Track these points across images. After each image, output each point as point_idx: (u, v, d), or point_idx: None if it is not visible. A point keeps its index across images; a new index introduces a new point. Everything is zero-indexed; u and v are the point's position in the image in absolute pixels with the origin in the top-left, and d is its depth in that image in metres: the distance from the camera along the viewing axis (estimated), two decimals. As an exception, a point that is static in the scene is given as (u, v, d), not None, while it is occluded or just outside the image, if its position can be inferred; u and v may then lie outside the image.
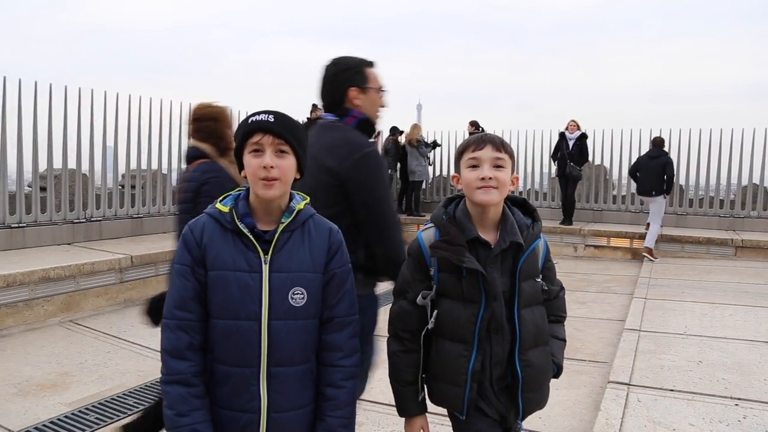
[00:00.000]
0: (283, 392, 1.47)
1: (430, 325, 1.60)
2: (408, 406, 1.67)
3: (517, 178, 1.64)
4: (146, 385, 3.49)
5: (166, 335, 1.45)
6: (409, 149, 10.50)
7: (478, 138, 1.60)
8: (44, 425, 2.97)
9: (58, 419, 3.04)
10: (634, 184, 10.15)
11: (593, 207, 10.31)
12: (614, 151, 10.37)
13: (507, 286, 1.58)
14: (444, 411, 1.70)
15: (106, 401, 3.27)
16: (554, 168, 9.99)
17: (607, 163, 10.50)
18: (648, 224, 8.57)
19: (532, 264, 1.61)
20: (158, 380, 3.62)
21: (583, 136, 9.44)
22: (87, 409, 3.16)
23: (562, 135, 9.48)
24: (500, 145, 1.57)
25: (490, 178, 1.53)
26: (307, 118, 9.54)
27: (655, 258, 8.03)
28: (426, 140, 10.84)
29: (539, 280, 1.64)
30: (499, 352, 1.59)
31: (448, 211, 1.63)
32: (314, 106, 9.08)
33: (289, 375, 1.46)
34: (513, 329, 1.58)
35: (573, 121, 9.51)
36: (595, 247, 8.90)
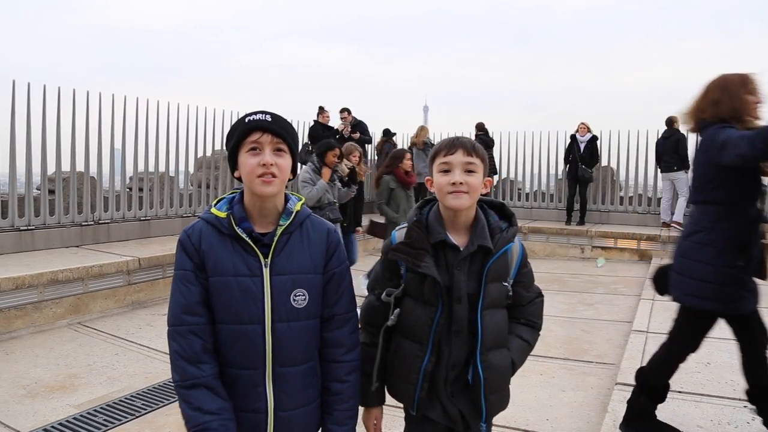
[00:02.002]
0: (288, 391, 1.49)
1: (390, 322, 1.63)
2: (366, 396, 1.68)
3: (491, 181, 1.65)
4: (154, 387, 3.51)
5: (178, 342, 1.44)
6: (415, 151, 10.48)
7: (449, 142, 1.60)
8: (52, 427, 2.99)
9: (67, 421, 3.05)
10: (641, 185, 10.16)
11: (600, 208, 10.27)
12: (621, 152, 10.33)
13: (473, 289, 1.58)
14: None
15: (114, 403, 3.28)
16: (561, 170, 10.07)
17: (614, 164, 10.46)
18: (664, 222, 9.33)
19: (502, 267, 1.61)
20: (166, 382, 3.63)
21: (594, 139, 9.52)
22: (95, 411, 3.18)
23: (573, 138, 9.61)
24: (471, 149, 1.57)
25: (461, 183, 1.54)
26: (314, 121, 9.54)
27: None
28: (432, 142, 10.83)
29: (506, 284, 1.63)
30: (457, 354, 1.60)
31: (422, 213, 1.64)
32: (321, 108, 9.09)
33: (294, 374, 1.49)
34: (474, 331, 1.58)
35: (583, 123, 9.59)
36: (602, 248, 8.86)
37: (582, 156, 9.39)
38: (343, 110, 9.39)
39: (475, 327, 1.57)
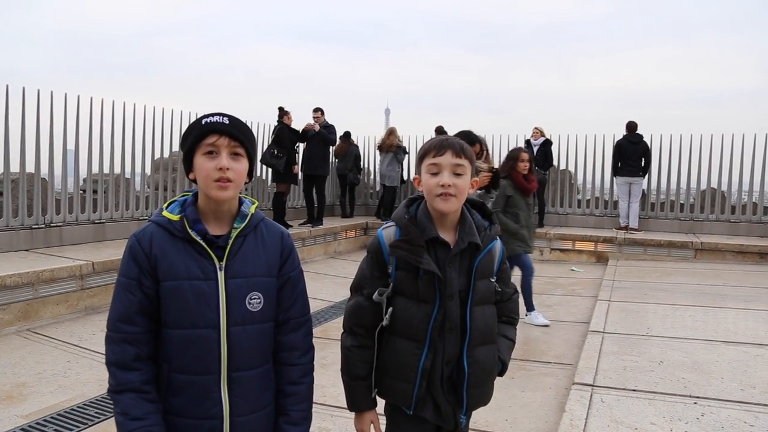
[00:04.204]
0: (244, 396, 1.47)
1: (384, 322, 1.63)
2: (358, 400, 1.69)
3: (477, 182, 1.69)
4: (107, 395, 3.40)
5: (111, 348, 1.43)
6: (383, 154, 10.39)
7: (438, 143, 1.62)
8: (-1, 439, 2.87)
9: (14, 432, 2.93)
10: (598, 188, 10.41)
11: (558, 211, 10.48)
12: (579, 155, 10.57)
13: (463, 286, 1.62)
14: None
15: (65, 412, 3.16)
16: None
17: (572, 168, 10.69)
18: (624, 225, 9.43)
19: (488, 264, 1.66)
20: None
21: (547, 142, 9.73)
22: (45, 420, 3.05)
23: (527, 142, 9.82)
24: (460, 150, 1.60)
25: (449, 185, 1.57)
26: (278, 121, 9.27)
27: (640, 230, 9.37)
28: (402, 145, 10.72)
29: (493, 280, 1.68)
30: (451, 351, 1.63)
31: (410, 211, 1.66)
32: (281, 109, 8.99)
33: (249, 379, 1.47)
34: (464, 326, 1.62)
35: (536, 128, 9.83)
36: (561, 250, 9.05)
37: (536, 159, 9.62)
38: (316, 110, 9.25)
39: (464, 323, 1.61)
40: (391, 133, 10.39)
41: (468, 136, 4.20)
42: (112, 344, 1.42)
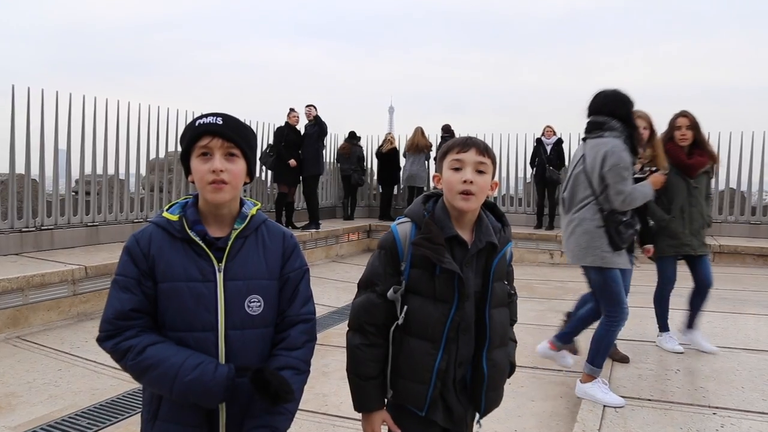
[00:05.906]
0: (241, 402, 1.44)
1: (400, 321, 1.61)
2: (370, 400, 1.65)
3: (497, 183, 1.68)
4: (101, 405, 3.29)
5: (112, 340, 1.38)
6: (413, 155, 10.31)
7: (463, 140, 1.63)
8: (-17, 453, 2.76)
9: (0, 445, 2.82)
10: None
11: (566, 212, 10.33)
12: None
13: (479, 287, 1.62)
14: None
15: (56, 423, 3.07)
16: (530, 173, 10.13)
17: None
18: None
19: (502, 266, 1.67)
20: (114, 398, 3.40)
21: (560, 141, 9.61)
22: (34, 431, 2.96)
23: (539, 141, 9.70)
24: (484, 150, 1.62)
25: (471, 182, 1.57)
26: (286, 123, 9.16)
27: None
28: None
29: (506, 282, 1.69)
30: (464, 353, 1.62)
31: (427, 208, 1.65)
32: (291, 110, 8.91)
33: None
34: (482, 329, 1.62)
35: (549, 126, 9.73)
36: (570, 253, 8.90)
37: (549, 158, 9.51)
38: (309, 106, 9.19)
39: (482, 325, 1.62)
40: (422, 133, 10.37)
41: (632, 102, 3.17)
42: (113, 337, 1.38)
